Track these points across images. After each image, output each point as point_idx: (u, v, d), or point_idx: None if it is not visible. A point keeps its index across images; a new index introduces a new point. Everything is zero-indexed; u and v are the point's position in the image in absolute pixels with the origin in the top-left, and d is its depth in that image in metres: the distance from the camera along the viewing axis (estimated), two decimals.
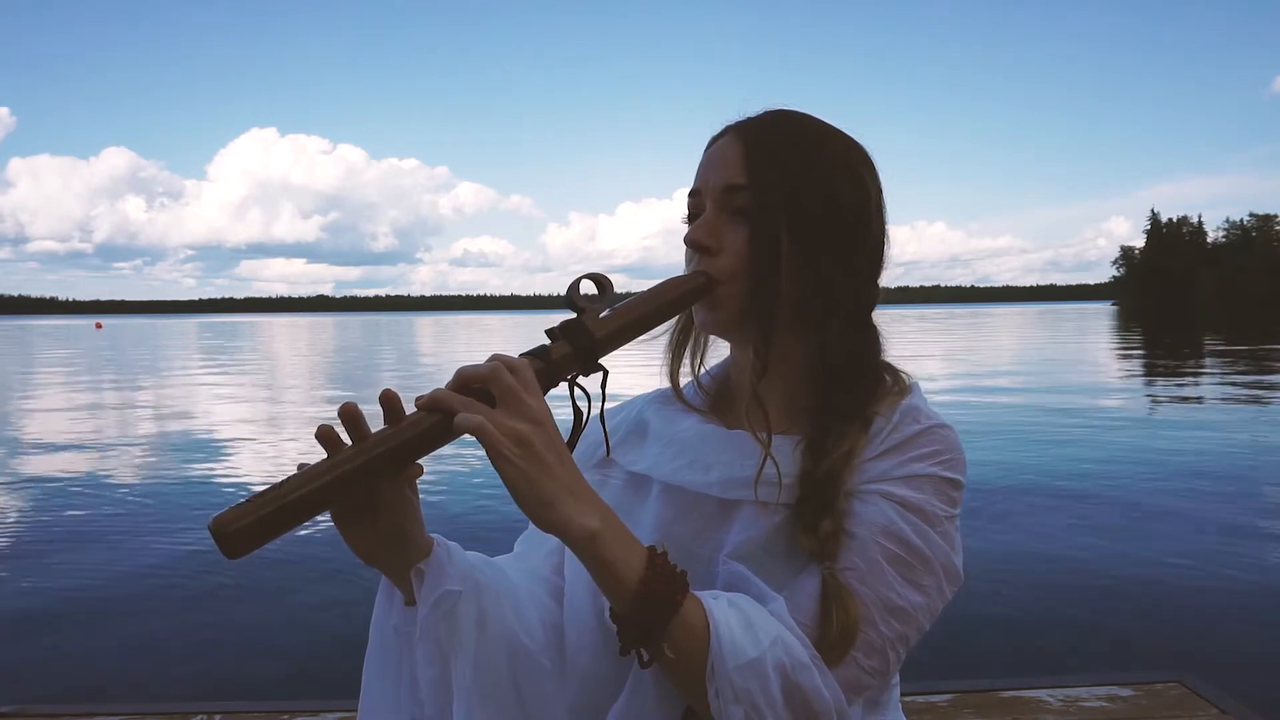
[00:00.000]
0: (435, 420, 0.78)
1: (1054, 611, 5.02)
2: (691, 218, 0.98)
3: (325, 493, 0.75)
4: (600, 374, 0.88)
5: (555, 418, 0.82)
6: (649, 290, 0.93)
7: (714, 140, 0.99)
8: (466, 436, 0.79)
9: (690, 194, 0.99)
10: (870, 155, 1.00)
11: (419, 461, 0.82)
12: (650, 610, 0.80)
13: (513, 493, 0.78)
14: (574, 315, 0.88)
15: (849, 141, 0.99)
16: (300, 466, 0.78)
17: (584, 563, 0.81)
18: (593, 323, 0.87)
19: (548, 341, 0.86)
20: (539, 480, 0.77)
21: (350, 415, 0.79)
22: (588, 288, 0.90)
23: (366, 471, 0.77)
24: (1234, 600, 5.17)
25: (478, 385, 0.79)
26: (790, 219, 0.92)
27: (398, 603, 0.92)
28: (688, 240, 0.96)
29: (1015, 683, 3.16)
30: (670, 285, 0.94)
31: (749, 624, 0.82)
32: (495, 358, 0.80)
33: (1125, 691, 3.05)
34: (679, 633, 0.80)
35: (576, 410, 0.90)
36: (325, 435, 0.78)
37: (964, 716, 2.91)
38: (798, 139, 0.95)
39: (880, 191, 0.99)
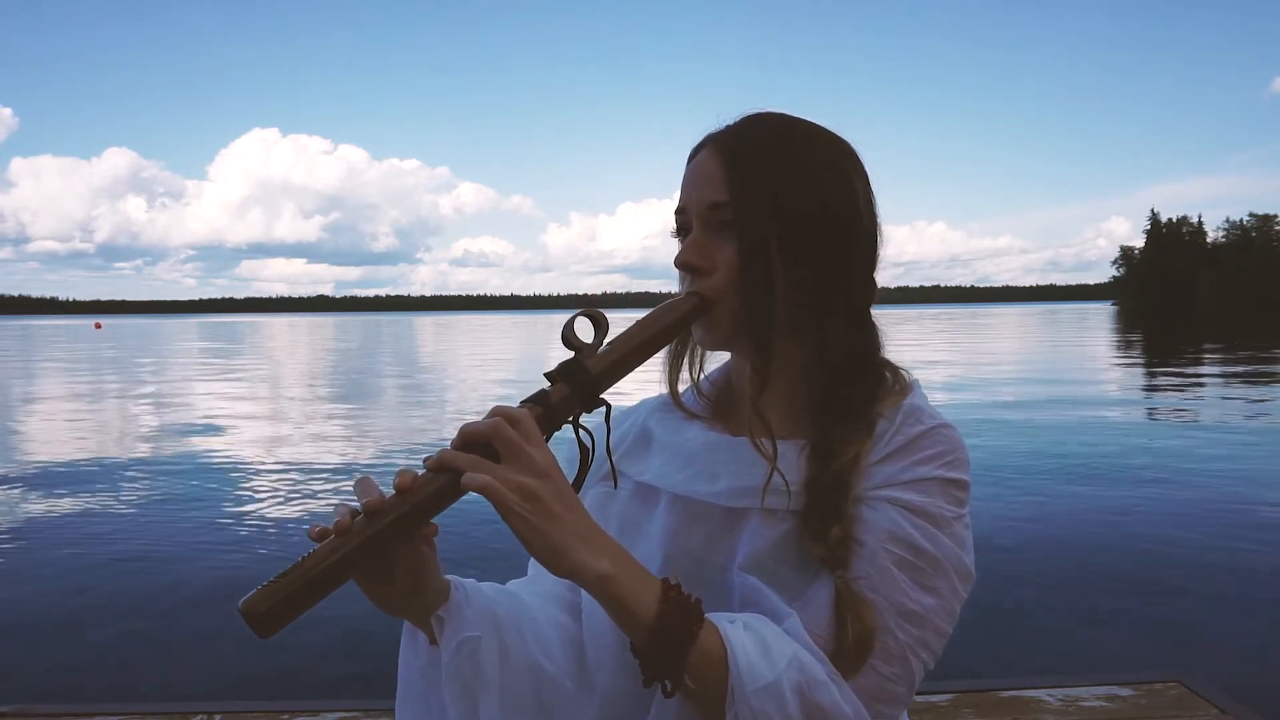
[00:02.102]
0: (444, 481, 0.80)
1: (1054, 611, 5.03)
2: (680, 231, 0.98)
3: (346, 564, 0.79)
4: (603, 409, 0.89)
5: (562, 447, 0.84)
6: (644, 319, 0.94)
7: (694, 153, 0.98)
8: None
9: (676, 211, 0.98)
10: (855, 150, 0.98)
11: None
12: (668, 643, 0.80)
13: (524, 544, 0.80)
14: (571, 355, 0.88)
15: (831, 138, 0.97)
16: (334, 527, 0.80)
17: (600, 603, 0.82)
18: (590, 360, 0.88)
19: (547, 384, 0.87)
20: (549, 531, 0.79)
21: (365, 488, 0.81)
22: (583, 326, 0.90)
23: (382, 539, 0.79)
24: (1234, 600, 5.18)
25: (482, 441, 0.80)
26: (778, 225, 0.91)
27: (422, 643, 0.94)
28: (678, 263, 0.96)
29: (1015, 683, 3.17)
30: (665, 311, 0.94)
31: (765, 646, 0.82)
32: (496, 410, 0.82)
33: (1125, 691, 3.06)
34: (698, 662, 0.81)
35: (583, 450, 0.90)
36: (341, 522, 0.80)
37: (964, 716, 2.91)
38: (778, 142, 0.94)
39: (868, 186, 0.98)
